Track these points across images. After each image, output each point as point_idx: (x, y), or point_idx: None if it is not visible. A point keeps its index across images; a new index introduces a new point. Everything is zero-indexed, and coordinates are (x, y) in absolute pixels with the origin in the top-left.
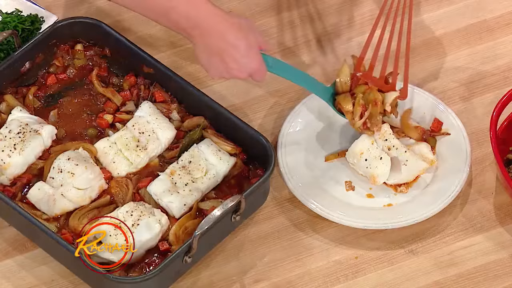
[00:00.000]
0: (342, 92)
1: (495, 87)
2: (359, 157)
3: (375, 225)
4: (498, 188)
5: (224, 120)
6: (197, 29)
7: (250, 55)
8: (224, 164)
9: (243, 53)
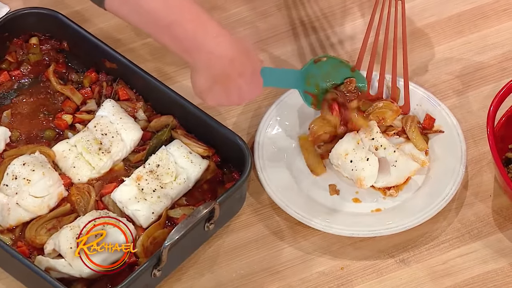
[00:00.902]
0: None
1: (491, 79)
2: (344, 158)
3: (362, 232)
4: (497, 190)
5: (195, 119)
6: (202, 52)
7: (254, 82)
8: (196, 167)
9: (248, 80)
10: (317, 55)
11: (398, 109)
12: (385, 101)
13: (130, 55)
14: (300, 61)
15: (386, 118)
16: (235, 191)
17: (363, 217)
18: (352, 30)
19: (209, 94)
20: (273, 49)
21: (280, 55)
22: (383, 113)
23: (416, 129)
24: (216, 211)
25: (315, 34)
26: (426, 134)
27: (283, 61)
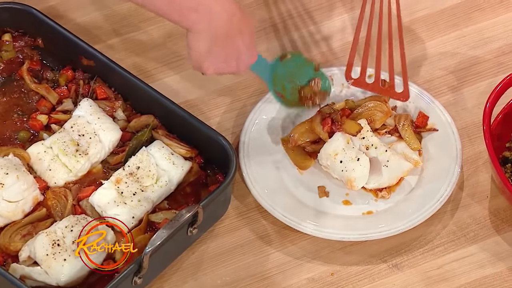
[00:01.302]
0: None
1: (487, 75)
2: (333, 158)
3: (353, 236)
4: (494, 191)
5: (177, 119)
6: (201, 10)
7: (251, 45)
8: (178, 169)
9: (246, 41)
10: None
11: (389, 110)
12: (376, 101)
13: (108, 52)
14: None
15: (376, 120)
16: (220, 194)
17: (354, 220)
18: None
19: (207, 59)
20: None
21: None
22: (372, 114)
23: (409, 128)
24: (199, 215)
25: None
26: (420, 132)
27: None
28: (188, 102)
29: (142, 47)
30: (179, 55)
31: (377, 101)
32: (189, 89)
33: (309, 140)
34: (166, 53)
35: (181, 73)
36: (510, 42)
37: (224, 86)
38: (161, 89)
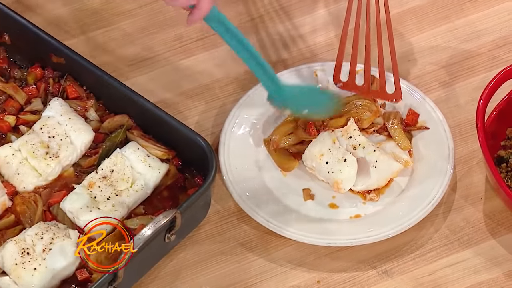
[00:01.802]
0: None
1: (481, 69)
2: (319, 159)
3: (340, 241)
4: (488, 192)
5: (153, 119)
6: None
7: None
8: (154, 172)
9: None
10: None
11: (377, 109)
12: (364, 99)
13: (79, 49)
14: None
15: (363, 120)
16: (199, 198)
17: (341, 225)
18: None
19: None
20: None
21: None
22: (359, 113)
23: (398, 126)
24: (177, 220)
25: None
26: (410, 131)
27: None
28: (165, 101)
29: (115, 43)
30: (154, 51)
31: (365, 99)
32: (165, 87)
33: (291, 142)
34: (140, 49)
35: (156, 70)
36: (504, 34)
37: (202, 84)
38: (136, 87)
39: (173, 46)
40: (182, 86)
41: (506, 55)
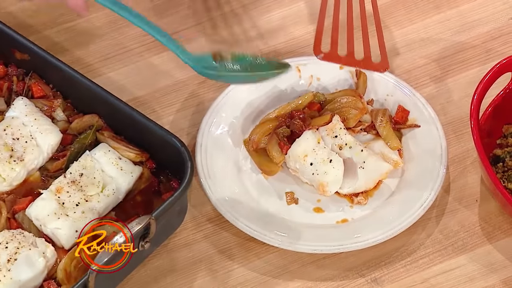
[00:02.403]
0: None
1: (475, 63)
2: (303, 160)
3: (326, 248)
4: (484, 194)
5: (125, 118)
6: None
7: None
8: (127, 176)
9: None
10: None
11: (364, 106)
12: (350, 96)
13: (45, 44)
14: None
15: (349, 119)
16: (174, 203)
17: (327, 230)
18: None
19: None
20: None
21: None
22: (345, 112)
23: (387, 124)
24: (152, 227)
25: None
26: (399, 129)
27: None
28: (137, 99)
29: (84, 37)
30: (126, 46)
31: (350, 96)
32: (137, 85)
33: None
34: (111, 44)
35: (128, 67)
36: (499, 25)
37: (177, 81)
38: (106, 85)
39: (146, 40)
40: (156, 83)
41: (502, 47)
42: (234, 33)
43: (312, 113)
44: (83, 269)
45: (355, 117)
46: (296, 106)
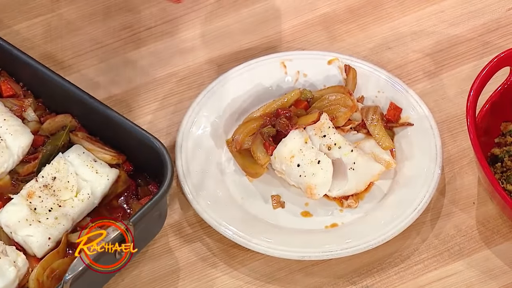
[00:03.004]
0: None
1: (471, 57)
2: (289, 162)
3: (315, 254)
4: (481, 196)
5: (100, 118)
6: None
7: None
8: (103, 179)
9: None
10: None
11: (354, 104)
12: (339, 92)
13: (14, 39)
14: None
15: (338, 117)
16: (153, 208)
17: (316, 235)
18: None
19: None
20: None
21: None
22: (334, 110)
23: (378, 122)
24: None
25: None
26: (391, 128)
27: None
28: (113, 97)
29: (56, 32)
30: (100, 41)
31: (339, 93)
32: (113, 82)
33: None
34: (85, 39)
35: (103, 63)
36: (497, 17)
37: (155, 78)
38: (79, 83)
39: (122, 35)
40: (133, 80)
41: (499, 40)
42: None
43: (299, 112)
44: (57, 278)
45: (345, 115)
46: (282, 104)
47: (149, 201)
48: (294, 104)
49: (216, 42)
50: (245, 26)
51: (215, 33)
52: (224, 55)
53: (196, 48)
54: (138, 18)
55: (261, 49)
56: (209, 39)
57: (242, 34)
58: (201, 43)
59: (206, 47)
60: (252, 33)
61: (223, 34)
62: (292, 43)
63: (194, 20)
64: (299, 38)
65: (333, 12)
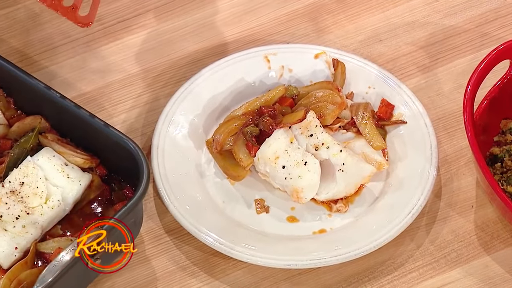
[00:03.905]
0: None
1: (468, 50)
2: (274, 163)
3: (302, 262)
4: (480, 199)
5: (71, 119)
6: None
7: None
8: (74, 184)
9: None
10: None
11: (343, 101)
12: (326, 89)
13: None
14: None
15: (326, 115)
16: (128, 214)
17: (303, 242)
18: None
19: None
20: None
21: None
22: (322, 107)
23: (369, 120)
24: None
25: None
26: (383, 126)
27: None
28: (85, 95)
29: (21, 25)
30: (70, 35)
31: (327, 89)
32: (84, 79)
33: None
34: (53, 33)
35: (73, 59)
36: (495, 6)
37: (129, 74)
38: (49, 80)
39: (93, 28)
40: (105, 77)
41: (498, 32)
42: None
43: (284, 109)
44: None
45: (333, 113)
46: (266, 101)
47: (124, 206)
48: (279, 102)
49: (195, 36)
50: (226, 18)
51: (194, 26)
52: (204, 49)
53: (174, 41)
54: (111, 9)
55: (243, 43)
56: (188, 32)
57: (222, 26)
58: (179, 37)
59: (184, 41)
60: (233, 26)
61: (202, 27)
62: (276, 36)
63: (171, 11)
64: (283, 30)
65: (320, 1)
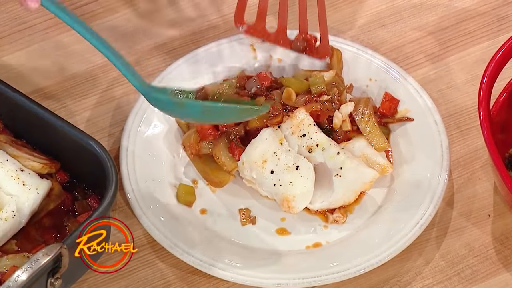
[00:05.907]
0: None
1: (483, 35)
2: (261, 168)
3: (293, 281)
4: (498, 207)
5: (27, 117)
6: None
7: None
8: (31, 192)
9: None
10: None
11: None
12: None
13: None
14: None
15: None
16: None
17: (295, 258)
18: None
19: None
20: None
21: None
22: None
23: (370, 118)
24: (64, 258)
25: None
26: (386, 124)
27: None
28: (43, 90)
29: None
30: (26, 21)
31: None
32: (42, 72)
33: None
34: (5, 18)
35: (29, 48)
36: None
37: (94, 65)
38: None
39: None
40: (67, 69)
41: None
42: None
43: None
44: None
45: None
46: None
47: (88, 218)
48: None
49: (169, 21)
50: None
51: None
52: (179, 36)
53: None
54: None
55: (224, 29)
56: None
57: (200, 10)
58: (151, 22)
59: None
60: (213, 9)
61: (176, 12)
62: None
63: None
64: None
65: None
